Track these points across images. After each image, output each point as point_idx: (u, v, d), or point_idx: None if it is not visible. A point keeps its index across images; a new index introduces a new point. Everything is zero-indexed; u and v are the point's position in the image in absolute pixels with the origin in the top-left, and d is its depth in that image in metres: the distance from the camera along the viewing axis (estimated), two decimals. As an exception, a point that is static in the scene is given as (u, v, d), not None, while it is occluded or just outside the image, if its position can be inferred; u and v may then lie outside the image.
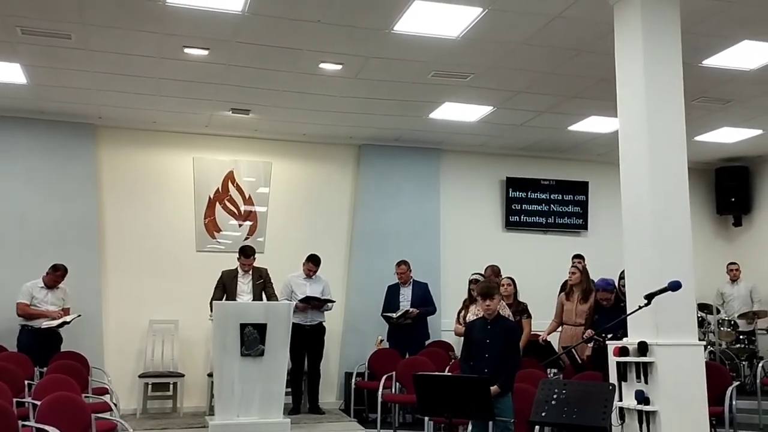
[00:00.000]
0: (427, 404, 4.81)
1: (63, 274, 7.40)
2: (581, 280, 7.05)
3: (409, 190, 9.31)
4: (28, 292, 7.26)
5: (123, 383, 7.84)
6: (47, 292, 7.34)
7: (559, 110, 7.92)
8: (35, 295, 7.28)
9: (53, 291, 7.37)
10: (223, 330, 6.69)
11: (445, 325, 8.74)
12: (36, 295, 7.29)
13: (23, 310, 7.23)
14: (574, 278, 7.07)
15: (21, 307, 7.23)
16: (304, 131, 8.84)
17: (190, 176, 8.77)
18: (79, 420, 5.23)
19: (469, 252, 9.07)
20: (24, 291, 7.27)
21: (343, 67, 6.62)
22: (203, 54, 6.29)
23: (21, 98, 7.55)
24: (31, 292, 7.27)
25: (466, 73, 6.81)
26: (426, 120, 8.29)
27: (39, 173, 8.14)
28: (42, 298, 7.31)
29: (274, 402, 6.72)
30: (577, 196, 9.99)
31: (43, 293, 7.33)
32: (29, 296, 7.25)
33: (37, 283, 7.34)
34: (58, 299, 7.41)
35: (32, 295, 7.27)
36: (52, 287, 7.36)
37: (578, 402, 4.11)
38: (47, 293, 7.34)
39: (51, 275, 7.35)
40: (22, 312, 7.23)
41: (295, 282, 7.80)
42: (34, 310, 7.24)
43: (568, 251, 8.83)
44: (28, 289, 7.28)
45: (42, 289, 7.34)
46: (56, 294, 7.40)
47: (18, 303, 7.23)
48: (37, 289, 7.31)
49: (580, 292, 7.03)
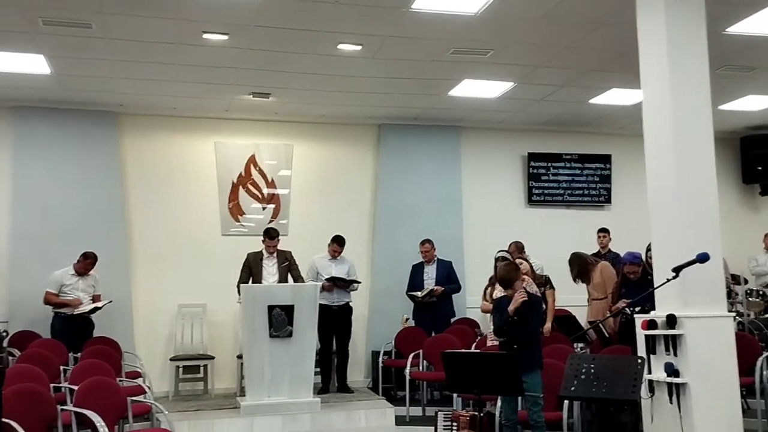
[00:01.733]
0: (456, 381, 4.86)
1: (93, 261, 7.52)
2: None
3: (430, 168, 9.30)
4: (57, 281, 7.39)
5: (155, 367, 7.99)
6: (78, 280, 7.47)
7: (580, 84, 7.85)
8: (66, 283, 7.41)
9: (84, 278, 7.50)
10: (251, 312, 6.79)
11: (470, 303, 8.77)
12: (67, 283, 7.41)
13: (48, 299, 7.36)
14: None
15: (47, 296, 7.36)
16: (324, 113, 8.85)
17: (212, 161, 8.83)
18: (115, 403, 5.35)
19: (492, 229, 9.06)
20: (52, 280, 7.39)
21: (362, 47, 6.60)
22: (222, 39, 6.31)
23: (44, 88, 7.63)
24: (60, 281, 7.40)
25: (486, 50, 6.76)
26: (445, 98, 8.25)
27: (64, 162, 8.25)
28: (73, 285, 7.43)
29: (303, 382, 6.82)
30: (600, 169, 9.91)
31: (74, 280, 7.45)
32: (58, 285, 7.38)
33: (68, 270, 7.47)
34: (89, 286, 7.54)
35: (63, 283, 7.40)
36: (82, 274, 7.48)
37: (607, 376, 4.13)
38: (78, 280, 7.47)
39: (81, 263, 7.47)
40: (48, 301, 7.36)
41: (320, 263, 7.86)
42: (58, 299, 7.36)
43: (592, 225, 8.81)
44: (57, 277, 7.41)
45: (73, 276, 7.46)
46: (87, 281, 7.52)
47: (46, 291, 7.36)
48: (68, 277, 7.44)
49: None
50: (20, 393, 4.85)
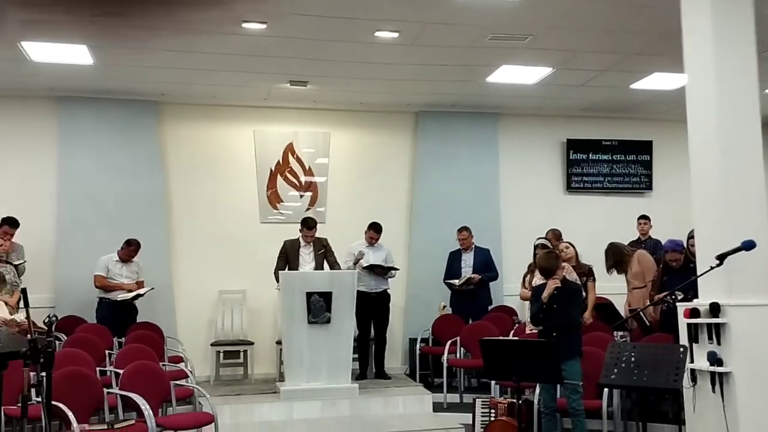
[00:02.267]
0: (494, 368, 4.86)
1: (136, 248, 7.67)
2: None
3: (467, 155, 9.26)
4: (105, 266, 7.56)
5: (196, 352, 8.12)
6: (122, 266, 7.63)
7: (620, 68, 7.72)
8: (111, 269, 7.57)
9: (128, 265, 7.65)
10: (290, 299, 6.87)
11: (507, 290, 8.74)
12: (111, 269, 7.58)
13: (100, 282, 7.55)
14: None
15: (98, 279, 7.55)
16: (362, 100, 8.86)
17: (251, 149, 8.92)
18: (158, 387, 5.50)
19: (530, 216, 9.00)
20: (100, 264, 7.56)
21: (400, 34, 6.59)
22: (261, 28, 6.35)
23: (88, 78, 7.78)
24: (107, 266, 7.57)
25: (524, 35, 6.69)
26: (483, 84, 8.19)
27: (107, 151, 8.41)
28: (117, 271, 7.59)
29: (341, 368, 6.89)
30: (641, 155, 9.76)
31: (118, 267, 7.61)
32: (105, 269, 7.55)
33: (112, 257, 7.63)
34: (132, 272, 7.69)
35: (108, 268, 7.57)
36: (126, 261, 7.64)
37: (649, 364, 4.08)
38: (122, 267, 7.63)
39: (125, 249, 7.63)
40: (100, 284, 7.55)
41: (358, 249, 7.89)
42: (110, 282, 7.54)
43: (632, 212, 8.68)
44: (104, 262, 7.58)
45: (117, 263, 7.62)
46: (131, 267, 7.68)
47: (95, 275, 7.55)
48: (112, 263, 7.60)
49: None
50: (68, 376, 5.01)
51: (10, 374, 3.71)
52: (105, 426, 4.94)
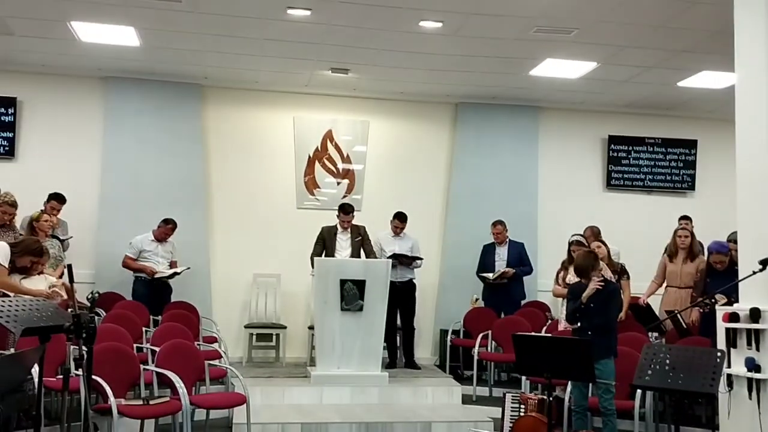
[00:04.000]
0: (526, 364, 4.84)
1: (173, 228, 7.77)
2: (691, 242, 6.84)
3: (506, 148, 9.19)
4: (137, 247, 7.64)
5: (230, 333, 8.24)
6: (157, 245, 7.72)
7: (668, 65, 7.57)
8: (146, 249, 7.67)
9: (163, 244, 7.75)
10: (324, 285, 6.92)
11: (541, 285, 8.68)
12: (146, 248, 7.67)
13: (127, 263, 7.65)
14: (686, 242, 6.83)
15: (125, 260, 7.64)
16: (402, 90, 8.85)
17: (290, 135, 8.98)
18: (193, 366, 5.60)
19: (568, 212, 8.90)
20: (133, 244, 7.65)
21: (444, 24, 6.55)
22: (305, 14, 6.37)
23: (134, 60, 7.90)
24: (140, 246, 7.65)
25: (570, 28, 6.60)
26: (526, 77, 8.11)
27: (150, 132, 8.53)
28: (152, 250, 7.69)
29: (372, 356, 6.93)
30: (685, 154, 9.57)
31: (154, 246, 7.71)
32: (137, 251, 7.64)
33: (147, 236, 7.73)
34: (167, 252, 7.80)
35: (143, 248, 7.65)
36: (161, 241, 7.75)
37: (684, 367, 4.03)
38: (157, 246, 7.72)
39: (162, 228, 7.74)
40: (126, 265, 7.65)
41: (384, 239, 7.91)
42: (136, 264, 7.63)
43: (673, 212, 8.53)
44: (138, 243, 7.66)
45: (152, 242, 7.72)
46: (166, 247, 7.78)
47: (125, 255, 7.65)
48: (147, 243, 7.70)
49: (686, 254, 6.81)
50: (107, 351, 5.13)
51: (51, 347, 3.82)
52: (140, 401, 5.06)
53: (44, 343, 3.55)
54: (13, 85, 8.30)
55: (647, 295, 6.96)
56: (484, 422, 6.22)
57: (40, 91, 8.39)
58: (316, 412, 6.37)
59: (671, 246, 7.01)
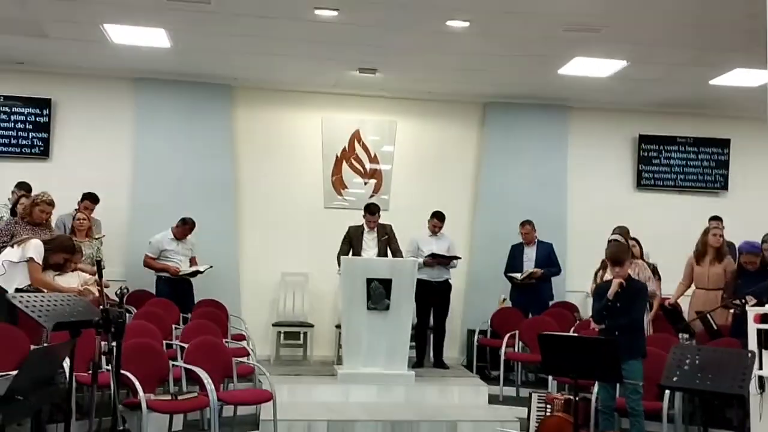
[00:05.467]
0: (552, 364, 4.81)
1: (191, 227, 7.83)
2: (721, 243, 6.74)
3: (534, 148, 9.13)
4: (157, 246, 7.72)
5: (258, 331, 8.29)
6: (177, 243, 7.79)
7: (700, 63, 7.45)
8: (166, 247, 7.74)
9: (182, 242, 7.81)
10: (350, 284, 6.95)
11: (570, 286, 8.62)
12: (167, 247, 7.75)
13: (148, 263, 7.74)
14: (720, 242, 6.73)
15: (146, 260, 7.74)
16: (429, 90, 8.85)
17: (318, 135, 9.03)
18: (221, 362, 5.66)
19: (598, 212, 8.81)
20: (153, 244, 7.74)
21: (471, 23, 6.53)
22: (333, 14, 6.40)
23: (164, 61, 8.01)
24: (160, 246, 7.72)
25: (599, 26, 6.53)
26: (554, 76, 8.05)
27: (180, 133, 8.64)
28: (174, 249, 7.77)
29: (398, 354, 6.95)
30: (717, 154, 9.42)
31: (174, 244, 7.78)
32: (157, 250, 7.72)
33: (166, 235, 7.80)
34: (187, 249, 7.87)
35: (163, 247, 7.73)
36: (180, 239, 7.82)
37: (713, 368, 3.97)
38: (177, 244, 7.79)
39: (180, 228, 7.80)
40: (147, 265, 7.75)
41: (421, 239, 7.90)
42: (157, 264, 7.72)
43: (705, 212, 8.38)
44: (157, 242, 7.74)
45: (172, 240, 7.79)
46: (185, 245, 7.84)
47: (145, 254, 7.74)
48: (167, 242, 7.77)
49: (714, 255, 6.71)
50: (136, 348, 5.22)
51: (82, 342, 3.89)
52: (169, 397, 5.14)
53: (74, 338, 3.63)
54: (48, 87, 8.48)
55: (676, 297, 6.87)
56: (510, 422, 6.19)
57: (73, 92, 8.55)
58: (342, 409, 6.40)
59: (700, 246, 6.91)
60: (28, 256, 5.33)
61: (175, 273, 7.67)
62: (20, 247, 5.41)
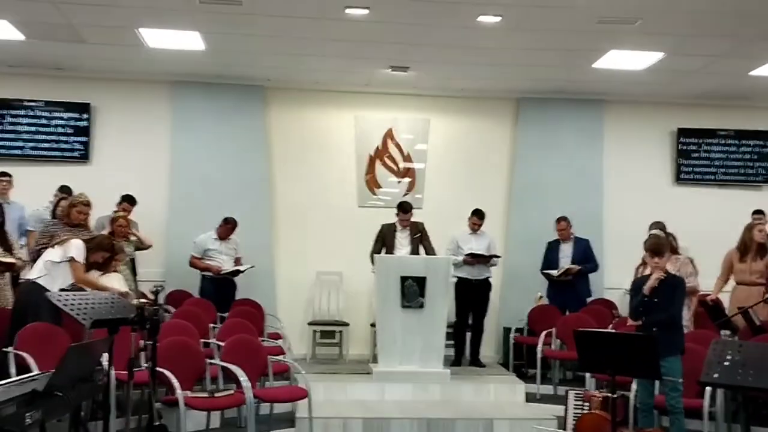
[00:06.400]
0: (588, 361, 4.73)
1: (233, 226, 7.94)
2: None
3: (570, 143, 9.03)
4: (201, 246, 7.85)
5: (294, 330, 8.35)
6: (220, 243, 7.91)
7: (739, 54, 7.28)
8: (210, 247, 7.87)
9: (226, 242, 7.93)
10: (384, 282, 6.95)
11: (608, 283, 8.50)
12: (211, 247, 7.87)
13: (193, 263, 7.87)
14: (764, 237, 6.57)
15: (192, 260, 7.86)
16: (462, 86, 8.81)
17: (351, 134, 9.06)
18: (257, 361, 5.71)
19: (635, 207, 8.66)
20: (197, 244, 7.86)
21: (503, 18, 6.48)
22: (364, 13, 6.41)
23: (199, 63, 8.12)
24: (204, 245, 7.85)
25: (635, 18, 6.42)
26: (589, 70, 7.94)
27: (216, 134, 8.75)
28: (217, 249, 7.89)
29: (434, 352, 6.93)
30: (759, 146, 9.21)
31: (217, 244, 7.90)
32: (202, 250, 7.85)
33: (210, 235, 7.92)
34: (231, 249, 7.98)
35: (207, 247, 7.85)
36: (224, 239, 7.93)
37: (755, 364, 3.86)
38: (221, 244, 7.91)
39: (223, 227, 7.92)
40: (192, 265, 7.87)
41: (461, 237, 7.85)
42: (202, 263, 7.83)
43: (746, 206, 8.19)
44: (201, 242, 7.87)
45: (216, 240, 7.91)
46: (229, 245, 7.96)
47: (191, 255, 7.87)
48: (211, 241, 7.90)
49: (756, 250, 6.55)
50: (174, 346, 5.30)
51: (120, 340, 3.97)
52: (206, 394, 5.20)
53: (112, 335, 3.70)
54: (87, 92, 8.66)
55: (716, 293, 6.72)
56: (547, 420, 6.12)
57: (111, 96, 8.72)
58: (377, 407, 6.41)
59: (744, 241, 6.75)
60: (69, 255, 5.44)
61: (217, 272, 7.77)
62: (61, 248, 5.52)
